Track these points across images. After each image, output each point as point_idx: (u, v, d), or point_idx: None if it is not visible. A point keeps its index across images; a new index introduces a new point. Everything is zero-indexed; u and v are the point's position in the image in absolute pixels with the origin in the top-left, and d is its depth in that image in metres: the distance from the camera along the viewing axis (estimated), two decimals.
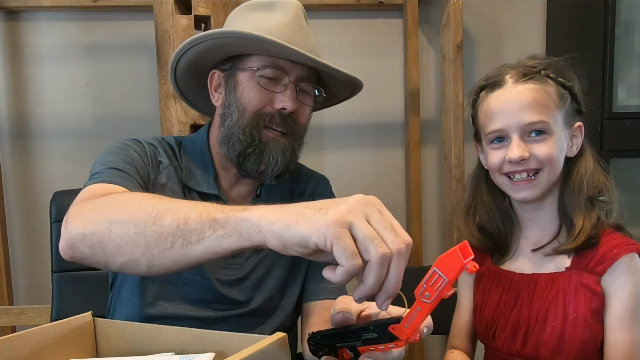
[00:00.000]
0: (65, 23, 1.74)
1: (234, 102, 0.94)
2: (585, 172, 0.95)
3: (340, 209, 0.53)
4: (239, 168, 0.96)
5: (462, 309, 1.08)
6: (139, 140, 0.96)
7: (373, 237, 0.52)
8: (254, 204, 0.99)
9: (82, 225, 0.69)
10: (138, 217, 0.65)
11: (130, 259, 0.65)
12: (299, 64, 0.93)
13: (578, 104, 0.96)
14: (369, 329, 0.58)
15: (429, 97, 1.93)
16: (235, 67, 0.95)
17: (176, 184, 0.95)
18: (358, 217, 0.53)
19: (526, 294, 0.96)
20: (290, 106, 0.92)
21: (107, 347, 0.67)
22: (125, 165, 0.88)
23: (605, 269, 0.91)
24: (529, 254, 0.99)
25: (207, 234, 0.60)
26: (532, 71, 0.94)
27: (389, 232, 0.53)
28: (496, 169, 0.95)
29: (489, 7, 1.92)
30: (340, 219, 0.52)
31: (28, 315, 1.56)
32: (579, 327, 0.90)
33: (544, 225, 0.99)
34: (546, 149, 0.91)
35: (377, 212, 0.54)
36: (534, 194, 0.93)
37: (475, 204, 1.05)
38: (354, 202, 0.54)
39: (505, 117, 0.92)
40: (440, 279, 0.51)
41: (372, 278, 0.52)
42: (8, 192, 1.75)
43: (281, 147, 0.93)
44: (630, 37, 1.69)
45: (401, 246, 0.52)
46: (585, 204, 0.94)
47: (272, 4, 0.95)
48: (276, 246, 0.56)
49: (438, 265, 0.51)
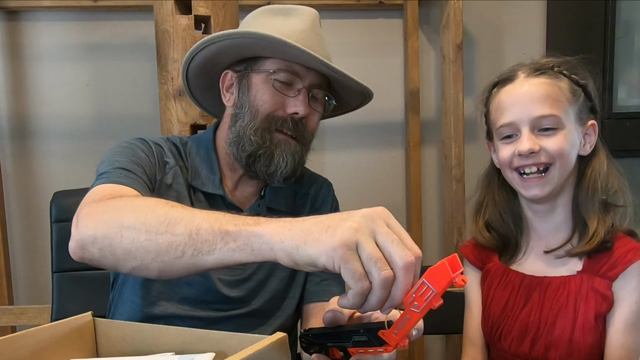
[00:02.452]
0: (65, 23, 1.74)
1: (247, 104, 0.94)
2: (599, 172, 0.94)
3: (346, 227, 0.52)
4: (248, 169, 0.96)
5: (474, 307, 1.05)
6: (145, 140, 0.96)
7: (376, 260, 0.51)
8: (258, 205, 1.00)
9: (93, 227, 0.68)
10: (150, 223, 0.64)
11: (141, 264, 0.65)
12: (313, 71, 0.93)
13: (592, 102, 0.95)
14: (359, 331, 0.59)
15: (429, 97, 1.93)
16: (250, 69, 0.95)
17: (181, 184, 0.95)
18: (364, 235, 0.52)
19: (537, 297, 0.95)
20: (302, 111, 0.92)
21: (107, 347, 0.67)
22: (132, 165, 0.88)
23: (617, 274, 0.90)
24: (541, 255, 0.98)
25: (218, 246, 0.60)
26: (545, 67, 0.93)
27: (396, 245, 0.52)
28: (506, 163, 0.94)
29: (489, 7, 1.92)
30: (347, 241, 0.52)
31: (28, 315, 1.56)
32: (588, 332, 0.89)
33: (556, 226, 0.97)
34: (557, 142, 0.90)
35: (383, 226, 0.54)
36: (545, 191, 0.92)
37: (486, 203, 1.04)
38: (361, 219, 0.53)
39: (516, 110, 0.91)
40: (428, 290, 0.51)
41: (373, 299, 0.53)
42: (8, 192, 1.75)
43: (291, 150, 0.94)
44: (630, 37, 1.69)
45: (409, 259, 0.52)
46: (599, 207, 0.92)
47: (290, 10, 0.96)
48: (288, 263, 0.56)
49: (427, 277, 0.51)
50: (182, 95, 1.37)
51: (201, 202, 0.96)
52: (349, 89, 1.00)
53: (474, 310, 1.05)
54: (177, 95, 1.37)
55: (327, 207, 1.09)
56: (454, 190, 1.75)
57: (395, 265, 0.52)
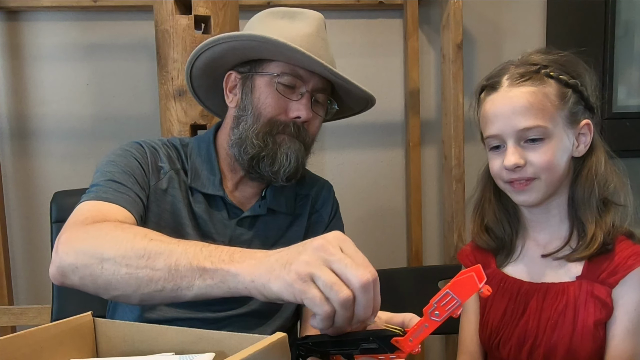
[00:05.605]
0: (65, 23, 1.74)
1: (250, 106, 0.94)
2: (595, 172, 0.91)
3: (300, 262, 0.57)
4: (251, 170, 0.96)
5: (472, 315, 1.04)
6: (142, 145, 0.97)
7: (332, 285, 0.55)
8: (259, 205, 1.00)
9: (73, 255, 0.71)
10: (130, 257, 0.67)
11: (123, 294, 0.69)
12: (317, 75, 0.93)
13: (585, 101, 0.91)
14: (368, 339, 0.59)
15: (429, 97, 1.93)
16: (254, 71, 0.95)
17: (177, 188, 0.95)
18: (316, 266, 0.56)
19: (535, 304, 0.93)
20: (304, 115, 0.93)
21: (107, 347, 0.67)
22: (124, 176, 0.89)
23: (617, 280, 0.88)
24: (538, 259, 0.96)
25: (197, 282, 0.63)
26: (531, 71, 0.90)
27: (351, 267, 0.55)
28: (497, 176, 0.94)
29: (489, 7, 1.92)
30: (301, 274, 0.56)
31: (28, 315, 1.56)
32: (587, 339, 0.88)
33: (552, 228, 0.95)
34: (542, 156, 0.87)
35: (336, 252, 0.57)
36: (532, 198, 0.90)
37: (483, 202, 1.03)
38: (312, 252, 0.57)
39: (500, 122, 0.89)
40: (452, 300, 0.53)
41: (339, 320, 0.56)
42: (8, 192, 1.75)
43: (295, 147, 0.94)
44: (630, 37, 1.69)
45: (365, 278, 0.55)
46: (597, 207, 0.90)
47: (295, 13, 0.96)
48: (261, 299, 0.61)
49: (452, 287, 0.53)
50: (182, 95, 1.37)
51: (200, 204, 0.96)
52: (352, 94, 1.00)
53: (471, 318, 1.04)
54: (177, 95, 1.37)
55: (328, 208, 1.09)
56: (454, 191, 1.75)
57: (352, 286, 0.55)
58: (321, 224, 1.08)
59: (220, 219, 0.98)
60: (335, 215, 1.11)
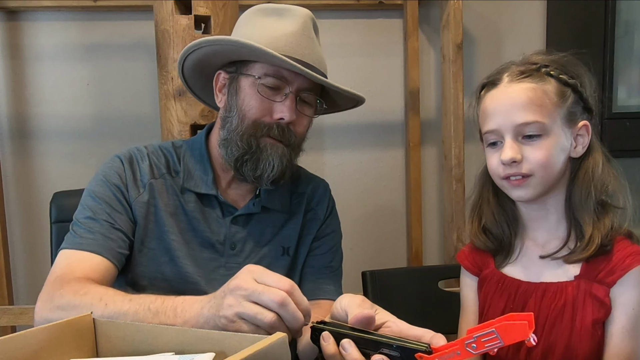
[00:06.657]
0: (65, 23, 1.74)
1: (235, 107, 0.95)
2: (592, 173, 0.90)
3: (225, 307, 0.64)
4: (236, 172, 0.97)
5: (471, 315, 1.03)
6: (121, 161, 0.98)
7: (255, 314, 0.62)
8: (252, 204, 1.01)
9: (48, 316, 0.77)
10: None
11: None
12: (301, 75, 0.93)
13: (584, 102, 0.91)
14: (392, 346, 0.59)
15: (429, 97, 1.93)
16: (240, 72, 0.95)
17: (159, 196, 0.97)
18: (238, 305, 0.63)
19: (533, 304, 0.92)
20: (288, 117, 0.92)
21: (107, 347, 0.67)
22: (102, 210, 0.92)
23: (615, 280, 0.87)
24: (536, 259, 0.95)
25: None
26: (531, 69, 0.90)
27: (265, 294, 0.62)
28: (494, 172, 0.93)
29: (489, 7, 1.92)
30: (229, 318, 0.64)
31: (28, 315, 1.56)
32: (585, 338, 0.88)
33: (550, 227, 0.95)
34: (539, 153, 0.87)
35: (250, 286, 0.63)
36: (528, 194, 0.90)
37: (481, 203, 1.03)
38: (231, 294, 0.65)
39: (499, 117, 0.89)
40: (495, 340, 0.54)
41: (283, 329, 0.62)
42: (8, 192, 1.75)
43: (279, 153, 0.94)
44: (630, 37, 1.69)
45: (279, 297, 0.62)
46: (595, 209, 0.90)
47: (284, 10, 0.96)
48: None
49: (499, 329, 0.53)
50: (182, 95, 1.37)
51: (193, 203, 0.97)
52: (340, 93, 1.00)
53: (470, 318, 1.04)
54: (177, 95, 1.37)
55: (323, 206, 1.09)
56: (454, 190, 1.75)
57: (273, 308, 0.62)
58: (316, 221, 1.08)
59: (214, 217, 0.98)
60: (330, 213, 1.11)
